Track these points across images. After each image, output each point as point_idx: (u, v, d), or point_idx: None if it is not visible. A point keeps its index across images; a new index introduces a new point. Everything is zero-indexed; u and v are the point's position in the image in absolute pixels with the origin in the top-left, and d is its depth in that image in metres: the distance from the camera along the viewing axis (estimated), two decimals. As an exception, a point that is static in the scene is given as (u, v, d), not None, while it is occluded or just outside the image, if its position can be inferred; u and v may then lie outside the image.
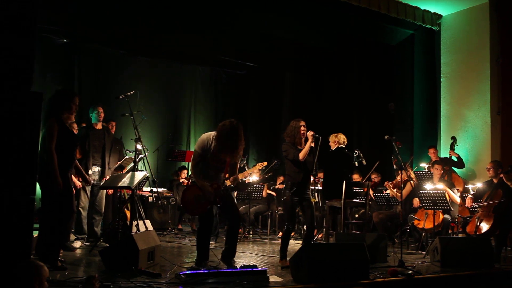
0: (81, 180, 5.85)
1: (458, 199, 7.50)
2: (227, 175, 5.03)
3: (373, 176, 8.95)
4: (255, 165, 7.49)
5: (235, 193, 8.25)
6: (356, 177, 8.67)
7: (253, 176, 8.85)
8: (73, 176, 5.42)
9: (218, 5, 8.65)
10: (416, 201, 7.68)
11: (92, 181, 6.49)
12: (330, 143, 7.52)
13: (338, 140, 7.44)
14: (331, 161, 7.43)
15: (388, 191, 8.13)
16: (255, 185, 8.28)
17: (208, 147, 4.92)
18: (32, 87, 3.86)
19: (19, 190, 3.45)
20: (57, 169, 4.64)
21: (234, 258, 5.14)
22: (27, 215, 3.52)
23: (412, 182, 7.73)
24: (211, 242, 7.02)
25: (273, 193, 9.22)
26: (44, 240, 4.69)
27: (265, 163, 7.69)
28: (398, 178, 8.18)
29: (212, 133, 5.02)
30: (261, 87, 12.91)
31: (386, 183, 8.24)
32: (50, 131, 4.69)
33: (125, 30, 9.86)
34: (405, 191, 7.72)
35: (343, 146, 7.42)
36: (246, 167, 9.40)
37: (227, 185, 5.03)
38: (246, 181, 8.35)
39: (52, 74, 9.97)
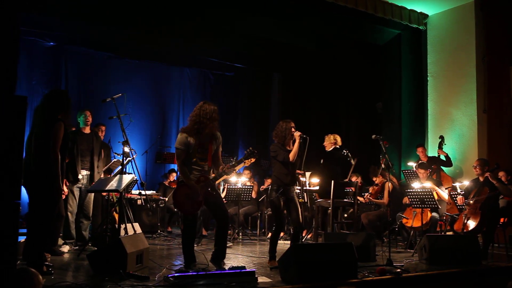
0: (67, 184, 5.81)
1: (446, 196, 7.56)
2: (210, 164, 5.05)
3: (353, 179, 8.97)
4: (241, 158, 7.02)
5: (224, 193, 8.24)
6: None
7: (242, 177, 8.85)
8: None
9: (205, 7, 8.64)
10: (405, 199, 7.69)
11: (81, 185, 6.46)
12: (325, 144, 7.53)
13: (335, 141, 7.45)
14: (327, 162, 7.43)
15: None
16: (244, 186, 8.27)
17: (188, 141, 4.93)
18: (17, 90, 3.83)
19: (3, 195, 3.42)
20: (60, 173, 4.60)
21: (224, 260, 5.13)
22: (12, 220, 3.48)
23: (390, 183, 7.77)
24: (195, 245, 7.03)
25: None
26: (32, 245, 4.64)
27: (253, 160, 7.57)
28: (376, 183, 8.26)
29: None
30: (249, 88, 12.92)
31: (366, 196, 8.27)
32: (57, 134, 4.61)
33: (112, 32, 9.83)
34: (387, 193, 7.76)
35: (338, 147, 7.42)
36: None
37: (218, 172, 5.02)
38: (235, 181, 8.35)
39: (38, 77, 9.91)
